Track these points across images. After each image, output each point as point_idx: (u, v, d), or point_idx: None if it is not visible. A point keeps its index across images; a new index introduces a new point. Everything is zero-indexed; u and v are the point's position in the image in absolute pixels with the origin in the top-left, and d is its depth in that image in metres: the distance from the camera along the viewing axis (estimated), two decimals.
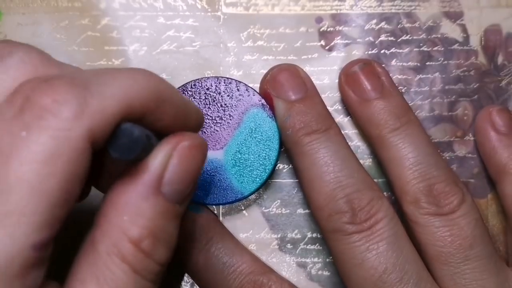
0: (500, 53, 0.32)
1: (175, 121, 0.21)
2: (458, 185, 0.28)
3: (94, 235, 0.20)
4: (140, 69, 0.20)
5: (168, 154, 0.20)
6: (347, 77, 0.30)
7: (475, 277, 0.27)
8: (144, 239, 0.19)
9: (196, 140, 0.21)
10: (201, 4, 0.31)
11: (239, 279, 0.27)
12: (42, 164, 0.17)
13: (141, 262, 0.19)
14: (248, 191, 0.29)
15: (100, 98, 0.18)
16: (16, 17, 0.31)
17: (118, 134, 0.19)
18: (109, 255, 0.19)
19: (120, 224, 0.19)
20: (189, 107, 0.22)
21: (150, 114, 0.20)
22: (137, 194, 0.20)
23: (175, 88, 0.21)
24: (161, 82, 0.21)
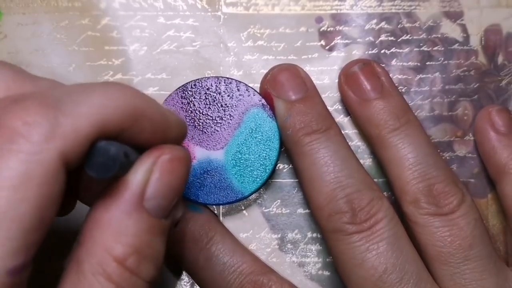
0: (500, 53, 0.32)
1: (154, 135, 0.21)
2: (457, 185, 0.28)
3: (78, 254, 0.19)
4: (116, 83, 0.20)
5: (149, 169, 0.20)
6: (346, 77, 0.30)
7: (474, 277, 0.27)
8: (129, 257, 0.19)
9: (177, 153, 0.21)
10: (201, 4, 0.31)
11: (240, 279, 0.27)
12: (13, 190, 0.17)
13: (127, 280, 0.19)
14: (248, 191, 0.29)
15: (73, 118, 0.18)
16: (16, 17, 0.31)
17: (93, 153, 0.18)
18: (94, 275, 0.19)
19: (104, 243, 0.19)
20: (169, 119, 0.22)
21: (127, 130, 0.19)
22: (120, 211, 0.19)
23: (153, 101, 0.21)
24: (138, 96, 0.20)
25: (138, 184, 0.20)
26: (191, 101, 0.29)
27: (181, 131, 0.23)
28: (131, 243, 0.19)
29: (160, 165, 0.20)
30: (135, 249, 0.19)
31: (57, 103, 0.18)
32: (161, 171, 0.20)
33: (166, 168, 0.20)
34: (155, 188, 0.20)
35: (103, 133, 0.18)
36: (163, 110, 0.21)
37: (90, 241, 0.19)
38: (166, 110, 0.22)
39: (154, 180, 0.20)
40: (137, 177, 0.20)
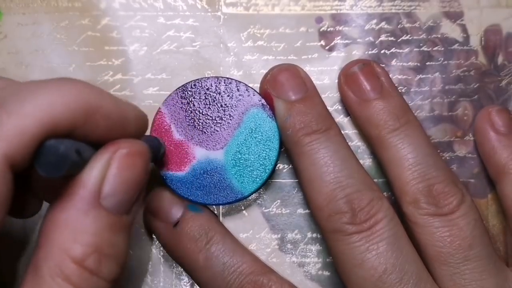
0: (500, 53, 0.32)
1: (111, 130, 0.20)
2: (457, 186, 0.28)
3: (37, 257, 0.19)
4: (67, 79, 0.19)
5: (106, 165, 0.19)
6: (346, 78, 0.30)
7: (474, 277, 0.27)
8: (88, 256, 0.19)
9: (135, 146, 0.20)
10: (201, 4, 0.31)
11: (240, 279, 0.27)
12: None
13: (87, 281, 0.19)
14: (248, 191, 0.29)
15: (18, 118, 0.17)
16: (16, 17, 0.31)
17: (42, 152, 0.18)
18: (52, 277, 0.18)
19: (61, 244, 0.19)
20: (127, 113, 0.21)
21: (80, 127, 0.19)
22: (76, 210, 0.19)
23: (108, 95, 0.20)
24: (90, 91, 0.19)
25: (93, 181, 0.19)
26: (191, 101, 0.29)
27: (141, 125, 0.22)
28: (90, 242, 0.19)
29: (117, 160, 0.20)
30: (95, 248, 0.19)
31: (2, 102, 0.17)
32: (118, 167, 0.20)
33: (124, 163, 0.20)
34: (113, 185, 0.19)
35: (52, 131, 0.18)
36: (120, 104, 0.21)
37: (47, 243, 0.19)
38: (124, 104, 0.21)
39: (111, 176, 0.19)
40: (92, 174, 0.19)
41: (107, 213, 0.19)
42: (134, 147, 0.20)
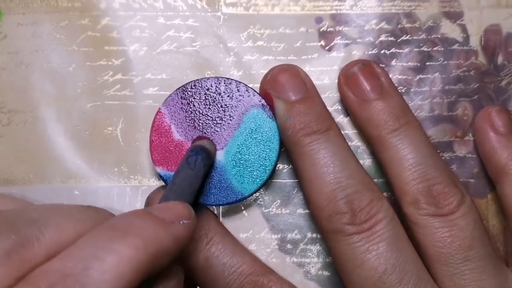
0: (500, 53, 0.32)
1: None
2: (457, 186, 0.28)
3: None
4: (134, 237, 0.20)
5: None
6: (346, 78, 0.30)
7: (474, 278, 0.27)
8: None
9: (178, 274, 0.23)
10: (201, 4, 0.31)
11: (240, 279, 0.27)
12: None
13: None
14: (248, 192, 0.29)
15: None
16: (16, 17, 0.31)
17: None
18: None
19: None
20: (182, 242, 0.22)
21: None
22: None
23: (167, 233, 0.21)
24: (160, 241, 0.20)
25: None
26: (191, 102, 0.29)
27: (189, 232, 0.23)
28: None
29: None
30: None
31: (79, 286, 0.18)
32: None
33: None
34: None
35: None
36: (176, 235, 0.21)
37: None
38: (178, 229, 0.22)
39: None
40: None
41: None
42: (179, 276, 0.23)
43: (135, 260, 0.19)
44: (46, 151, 0.31)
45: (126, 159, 0.31)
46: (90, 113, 0.31)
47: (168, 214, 0.22)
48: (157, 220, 0.21)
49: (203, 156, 0.26)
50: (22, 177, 0.31)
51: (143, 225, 0.20)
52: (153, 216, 0.21)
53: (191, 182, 0.25)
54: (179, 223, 0.22)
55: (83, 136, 0.31)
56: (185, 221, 0.22)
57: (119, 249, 0.19)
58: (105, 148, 0.31)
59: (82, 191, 0.31)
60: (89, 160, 0.31)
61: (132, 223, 0.20)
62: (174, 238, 0.21)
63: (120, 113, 0.31)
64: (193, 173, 0.26)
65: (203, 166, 0.26)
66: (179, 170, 0.26)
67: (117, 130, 0.31)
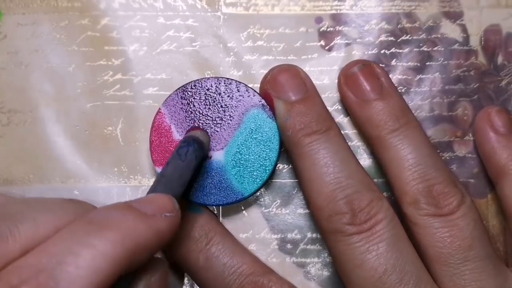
0: (500, 53, 0.32)
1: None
2: (457, 186, 0.28)
3: None
4: (110, 227, 0.20)
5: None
6: (346, 78, 0.30)
7: (474, 278, 0.27)
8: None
9: (162, 268, 0.22)
10: (201, 4, 0.31)
11: (240, 279, 0.27)
12: None
13: None
14: (248, 192, 0.29)
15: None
16: (16, 17, 0.31)
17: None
18: None
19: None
20: (162, 236, 0.22)
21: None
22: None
23: (147, 226, 0.21)
24: (137, 234, 0.20)
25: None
26: (191, 102, 0.29)
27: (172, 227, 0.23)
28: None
29: (154, 286, 0.22)
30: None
31: (52, 281, 0.18)
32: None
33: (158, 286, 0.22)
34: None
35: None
36: (155, 227, 0.21)
37: None
38: (158, 222, 0.21)
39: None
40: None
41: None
42: (161, 269, 0.22)
43: (112, 254, 0.19)
44: (45, 151, 0.31)
45: (126, 159, 0.31)
46: (89, 113, 0.31)
47: (149, 206, 0.21)
48: (136, 213, 0.21)
49: (194, 147, 0.26)
50: (21, 177, 0.31)
51: (121, 218, 0.20)
52: (132, 209, 0.21)
53: (181, 174, 0.25)
54: (160, 216, 0.21)
55: (83, 136, 0.31)
56: (167, 214, 0.22)
57: (95, 243, 0.19)
58: (105, 148, 0.31)
59: (82, 191, 0.31)
60: (89, 160, 0.31)
61: (110, 216, 0.20)
62: (155, 232, 0.21)
63: (120, 113, 0.31)
64: (184, 165, 0.25)
65: (195, 157, 0.25)
66: (169, 162, 0.25)
67: (117, 130, 0.31)
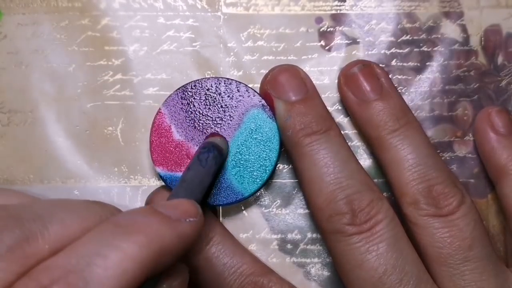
0: (500, 53, 0.32)
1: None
2: (457, 186, 0.28)
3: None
4: (137, 231, 0.20)
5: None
6: (346, 78, 0.30)
7: (474, 278, 0.27)
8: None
9: (183, 272, 0.22)
10: (201, 4, 0.31)
11: (240, 280, 0.27)
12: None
13: None
14: (248, 192, 0.29)
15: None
16: (16, 17, 0.31)
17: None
18: None
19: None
20: (187, 242, 0.22)
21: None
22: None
23: (171, 230, 0.21)
24: (162, 240, 0.20)
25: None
26: (191, 102, 0.29)
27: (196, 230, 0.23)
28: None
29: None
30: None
31: (82, 282, 0.18)
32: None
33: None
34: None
35: None
36: (181, 233, 0.21)
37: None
38: (184, 227, 0.21)
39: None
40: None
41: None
42: (183, 274, 0.22)
43: (139, 257, 0.19)
44: (45, 151, 0.31)
45: (126, 159, 0.31)
46: (90, 113, 0.31)
47: (174, 211, 0.21)
48: (162, 217, 0.21)
49: (214, 154, 0.26)
50: (22, 177, 0.31)
51: (147, 222, 0.20)
52: (158, 213, 0.21)
53: (201, 180, 0.25)
54: (185, 221, 0.21)
55: (83, 136, 0.31)
56: (191, 219, 0.22)
57: (123, 246, 0.19)
58: (105, 148, 0.31)
59: (82, 191, 0.31)
60: (89, 160, 0.31)
61: (137, 220, 0.20)
62: (179, 236, 0.21)
63: (120, 113, 0.31)
64: (204, 171, 0.25)
65: (215, 163, 0.26)
66: (190, 167, 0.25)
67: (117, 130, 0.31)
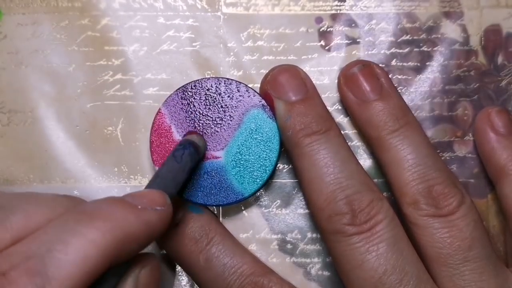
0: (500, 53, 0.32)
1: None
2: (457, 186, 0.28)
3: None
4: (97, 217, 0.20)
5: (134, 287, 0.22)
6: (346, 79, 0.30)
7: (474, 278, 0.27)
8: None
9: (152, 262, 0.23)
10: (201, 4, 0.31)
11: (240, 280, 0.27)
12: None
13: None
14: (248, 192, 0.29)
15: (58, 284, 0.18)
16: (16, 17, 0.31)
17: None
18: None
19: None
20: (153, 229, 0.22)
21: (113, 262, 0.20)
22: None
23: (136, 217, 0.21)
24: (125, 226, 0.21)
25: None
26: (191, 102, 0.29)
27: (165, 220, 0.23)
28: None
29: (143, 280, 0.22)
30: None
31: (42, 267, 0.18)
32: (144, 286, 0.22)
33: (148, 281, 0.22)
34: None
35: (87, 285, 0.19)
36: (145, 219, 0.22)
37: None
38: (148, 215, 0.22)
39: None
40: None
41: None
42: (152, 263, 0.23)
43: (101, 243, 0.19)
44: (45, 151, 0.31)
45: (126, 159, 0.31)
46: (90, 113, 0.31)
47: (140, 200, 0.22)
48: (127, 205, 0.21)
49: (190, 151, 0.26)
50: (22, 177, 0.31)
51: (111, 210, 0.20)
52: (123, 201, 0.21)
53: (175, 175, 0.25)
54: (151, 210, 0.22)
55: (83, 136, 0.31)
56: (158, 208, 0.22)
57: (85, 232, 0.19)
58: (105, 148, 0.31)
59: (82, 191, 0.31)
60: (89, 160, 0.31)
61: (101, 207, 0.21)
62: (145, 224, 0.21)
63: (120, 113, 0.31)
64: (179, 167, 0.26)
65: (190, 160, 0.26)
66: (165, 163, 0.26)
67: (117, 130, 0.31)
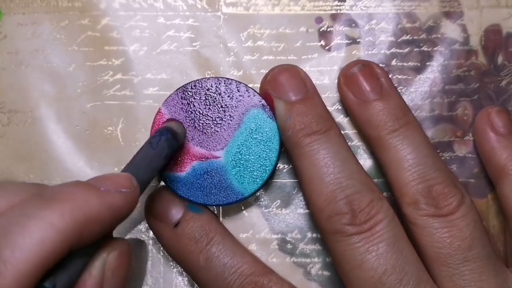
0: (500, 53, 0.32)
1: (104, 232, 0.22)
2: (457, 186, 0.28)
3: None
4: (56, 201, 0.20)
5: (101, 272, 0.22)
6: (346, 79, 0.30)
7: (474, 278, 0.27)
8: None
9: (122, 247, 0.23)
10: (201, 4, 0.31)
11: (240, 280, 0.27)
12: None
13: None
14: (248, 192, 0.29)
15: (12, 267, 0.18)
16: (16, 17, 0.31)
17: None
18: None
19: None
20: (116, 209, 0.22)
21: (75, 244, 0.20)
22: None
23: (98, 200, 0.21)
24: (82, 212, 0.20)
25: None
26: (191, 102, 0.29)
27: (130, 201, 0.23)
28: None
29: (111, 264, 0.22)
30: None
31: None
32: (113, 270, 0.22)
33: (116, 265, 0.22)
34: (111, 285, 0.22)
35: (46, 268, 0.19)
36: (108, 201, 0.22)
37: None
38: (111, 198, 0.22)
39: (109, 279, 0.22)
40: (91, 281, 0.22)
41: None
42: (121, 248, 0.23)
43: (60, 225, 0.19)
44: (46, 151, 0.31)
45: (126, 159, 0.31)
46: (90, 113, 0.31)
47: (104, 182, 0.22)
48: (89, 187, 0.21)
49: (167, 137, 0.26)
50: (22, 177, 0.31)
51: (72, 192, 0.20)
52: (85, 184, 0.21)
53: (150, 162, 0.25)
54: (115, 192, 0.22)
55: (83, 136, 0.31)
56: (123, 190, 0.22)
57: (43, 215, 0.19)
58: (105, 148, 0.31)
59: None
60: (89, 160, 0.31)
61: (61, 191, 0.21)
62: (108, 206, 0.21)
63: (120, 113, 0.31)
64: (154, 153, 0.25)
65: (167, 146, 0.26)
66: (140, 149, 0.26)
67: (117, 130, 0.31)
